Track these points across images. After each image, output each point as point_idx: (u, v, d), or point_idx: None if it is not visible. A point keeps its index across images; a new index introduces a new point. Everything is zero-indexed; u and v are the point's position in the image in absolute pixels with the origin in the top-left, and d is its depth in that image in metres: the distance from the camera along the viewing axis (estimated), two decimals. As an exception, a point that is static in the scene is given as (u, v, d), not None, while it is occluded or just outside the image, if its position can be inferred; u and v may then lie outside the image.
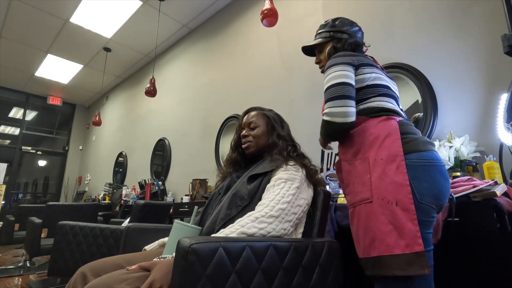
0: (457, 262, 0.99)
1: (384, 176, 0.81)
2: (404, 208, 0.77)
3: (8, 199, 5.73)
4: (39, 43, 4.32)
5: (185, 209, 2.78)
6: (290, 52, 2.62)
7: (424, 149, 0.84)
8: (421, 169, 0.81)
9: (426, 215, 0.78)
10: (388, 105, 0.95)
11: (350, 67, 0.95)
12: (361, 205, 0.84)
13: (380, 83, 0.96)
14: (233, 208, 0.89)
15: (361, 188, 0.85)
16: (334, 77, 0.93)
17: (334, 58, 0.98)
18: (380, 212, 0.79)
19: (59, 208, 2.56)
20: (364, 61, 0.98)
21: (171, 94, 4.17)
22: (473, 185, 1.05)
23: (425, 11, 1.80)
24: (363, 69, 0.96)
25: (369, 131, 0.89)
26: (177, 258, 0.60)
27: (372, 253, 0.79)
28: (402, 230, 0.75)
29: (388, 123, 0.88)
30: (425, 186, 0.79)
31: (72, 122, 6.81)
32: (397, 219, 0.76)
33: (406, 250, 0.73)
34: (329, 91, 0.92)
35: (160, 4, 3.46)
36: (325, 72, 0.98)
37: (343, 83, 0.91)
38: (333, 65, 0.96)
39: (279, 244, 0.75)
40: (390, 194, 0.78)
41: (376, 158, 0.84)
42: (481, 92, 1.50)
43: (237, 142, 1.16)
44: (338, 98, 0.89)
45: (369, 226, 0.80)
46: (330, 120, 0.89)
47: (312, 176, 1.00)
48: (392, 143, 0.84)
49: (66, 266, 1.65)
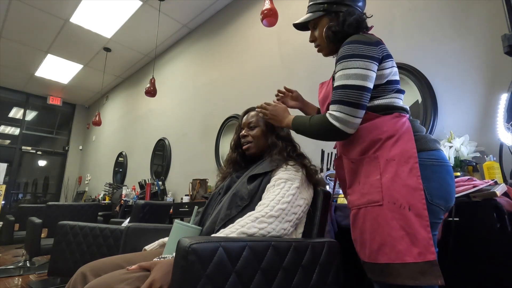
0: (457, 262, 0.98)
1: (396, 178, 0.75)
2: (418, 213, 0.72)
3: (8, 199, 5.73)
4: (39, 43, 4.32)
5: (185, 209, 2.78)
6: (290, 52, 2.62)
7: (434, 148, 0.79)
8: (430, 169, 0.76)
9: (435, 216, 0.75)
10: (400, 102, 0.88)
11: (375, 64, 0.82)
12: (367, 208, 0.78)
13: (396, 79, 0.88)
14: (233, 208, 0.89)
15: (369, 189, 0.79)
16: (354, 75, 0.79)
17: (357, 45, 0.82)
18: (391, 216, 0.73)
19: (59, 208, 2.56)
20: (386, 51, 0.85)
21: (171, 94, 4.17)
22: (473, 185, 1.05)
23: (425, 11, 1.80)
24: (386, 62, 0.84)
25: (381, 129, 0.81)
26: (177, 258, 0.60)
27: (381, 260, 0.74)
28: (416, 237, 0.70)
29: (401, 121, 0.81)
30: (434, 187, 0.75)
31: (72, 122, 6.81)
32: (410, 225, 0.71)
33: (419, 259, 0.69)
34: (346, 91, 0.79)
35: (160, 4, 3.46)
36: (341, 61, 0.83)
37: (362, 87, 0.79)
38: (357, 56, 0.81)
39: (279, 244, 0.75)
40: (403, 198, 0.73)
41: (388, 158, 0.78)
42: (481, 92, 1.50)
43: (237, 142, 1.16)
44: (351, 105, 0.78)
45: (378, 231, 0.75)
46: (336, 126, 0.80)
47: (312, 176, 1.00)
48: (406, 143, 0.78)
49: (66, 266, 1.64)
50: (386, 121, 0.82)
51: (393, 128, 0.81)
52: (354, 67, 0.80)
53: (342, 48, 0.85)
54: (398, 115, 0.83)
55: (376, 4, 2.05)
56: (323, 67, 2.26)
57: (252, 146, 1.09)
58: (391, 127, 0.81)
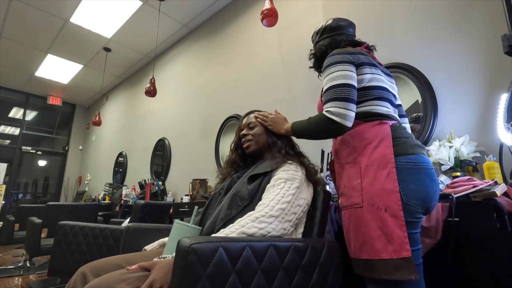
0: (457, 262, 0.99)
1: (375, 182, 0.82)
2: (393, 214, 0.78)
3: (8, 199, 5.73)
4: (39, 43, 4.32)
5: (185, 209, 2.77)
6: (290, 52, 2.62)
7: (412, 152, 0.85)
8: (407, 171, 0.82)
9: (411, 215, 0.80)
10: (382, 109, 0.93)
11: (352, 66, 0.91)
12: (351, 209, 0.86)
13: (376, 85, 0.94)
14: (233, 208, 0.89)
15: (352, 193, 0.86)
16: (338, 77, 0.89)
17: (332, 56, 0.94)
18: (369, 217, 0.80)
19: (59, 208, 2.56)
20: (363, 59, 0.94)
21: (171, 94, 4.17)
22: (473, 185, 1.06)
23: (425, 11, 1.80)
24: (363, 68, 0.93)
25: (362, 136, 0.89)
26: (177, 258, 0.60)
27: (362, 256, 0.81)
28: (391, 236, 0.77)
29: (382, 128, 0.88)
30: (411, 188, 0.81)
31: (72, 122, 6.81)
32: (386, 225, 0.78)
33: (394, 255, 0.76)
34: (332, 90, 0.88)
35: (160, 4, 3.46)
36: (324, 71, 0.94)
37: (348, 85, 0.88)
38: (334, 64, 0.92)
39: (279, 244, 0.75)
40: (380, 200, 0.80)
41: (368, 164, 0.85)
42: (481, 92, 1.50)
43: (237, 144, 1.17)
44: (342, 99, 0.86)
45: (360, 230, 0.82)
46: (334, 119, 0.85)
47: (312, 175, 1.01)
48: (384, 149, 0.84)
49: (66, 266, 1.64)
50: (367, 128, 0.89)
51: (373, 135, 0.88)
52: (336, 71, 0.91)
53: (324, 63, 0.97)
54: (379, 122, 0.90)
55: (376, 4, 2.05)
56: (323, 67, 2.26)
57: (252, 144, 1.10)
58: (371, 134, 0.88)
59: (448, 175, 1.32)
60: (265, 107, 1.31)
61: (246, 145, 1.10)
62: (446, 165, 1.37)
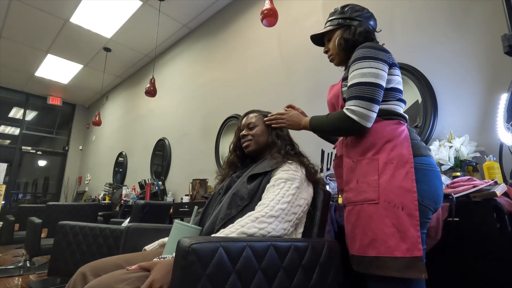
0: (457, 262, 0.99)
1: (393, 180, 0.82)
2: (409, 213, 0.78)
3: (8, 199, 5.73)
4: (39, 43, 4.32)
5: (185, 209, 2.77)
6: (290, 52, 2.62)
7: (425, 154, 0.86)
8: (421, 172, 0.83)
9: (425, 216, 0.81)
10: (401, 110, 0.95)
11: (386, 67, 0.90)
12: (363, 205, 0.84)
13: (400, 88, 0.95)
14: (233, 208, 0.89)
15: (366, 188, 0.85)
16: (369, 74, 0.87)
17: (370, 49, 0.90)
18: (385, 214, 0.80)
19: (59, 208, 2.56)
20: (394, 60, 0.94)
21: (171, 94, 4.17)
22: (473, 185, 1.05)
23: (426, 11, 1.80)
24: (394, 69, 0.93)
25: (382, 133, 0.88)
26: (177, 258, 0.60)
27: (370, 253, 0.80)
28: (405, 234, 0.77)
29: (401, 128, 0.88)
30: (424, 189, 0.81)
31: (72, 122, 6.80)
32: (401, 223, 0.78)
33: (407, 254, 0.75)
34: (359, 87, 0.86)
35: (160, 4, 3.46)
36: (356, 62, 0.90)
37: (376, 85, 0.86)
38: (368, 58, 0.89)
39: (279, 244, 0.75)
40: (397, 198, 0.80)
41: (386, 161, 0.84)
42: (481, 92, 1.50)
43: (236, 144, 1.17)
44: (367, 99, 0.85)
45: (371, 227, 0.81)
46: (354, 119, 0.85)
47: (312, 175, 1.01)
48: (404, 148, 0.84)
49: (66, 266, 1.64)
50: (386, 126, 0.89)
51: (393, 134, 0.87)
52: (368, 67, 0.88)
53: (356, 52, 0.93)
54: (398, 122, 0.90)
55: (376, 4, 2.04)
56: (323, 67, 2.26)
57: (251, 143, 1.09)
58: (390, 133, 0.87)
59: (448, 175, 1.32)
60: (265, 107, 1.30)
61: (245, 144, 1.10)
62: (446, 165, 1.37)
